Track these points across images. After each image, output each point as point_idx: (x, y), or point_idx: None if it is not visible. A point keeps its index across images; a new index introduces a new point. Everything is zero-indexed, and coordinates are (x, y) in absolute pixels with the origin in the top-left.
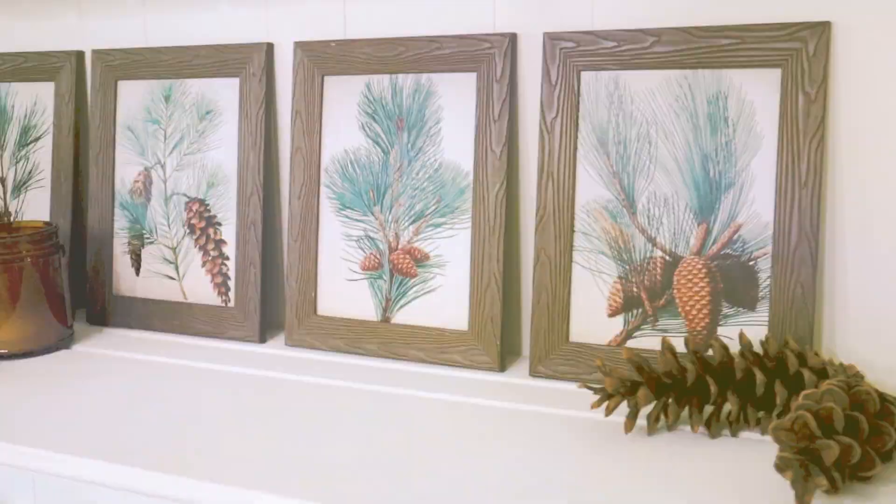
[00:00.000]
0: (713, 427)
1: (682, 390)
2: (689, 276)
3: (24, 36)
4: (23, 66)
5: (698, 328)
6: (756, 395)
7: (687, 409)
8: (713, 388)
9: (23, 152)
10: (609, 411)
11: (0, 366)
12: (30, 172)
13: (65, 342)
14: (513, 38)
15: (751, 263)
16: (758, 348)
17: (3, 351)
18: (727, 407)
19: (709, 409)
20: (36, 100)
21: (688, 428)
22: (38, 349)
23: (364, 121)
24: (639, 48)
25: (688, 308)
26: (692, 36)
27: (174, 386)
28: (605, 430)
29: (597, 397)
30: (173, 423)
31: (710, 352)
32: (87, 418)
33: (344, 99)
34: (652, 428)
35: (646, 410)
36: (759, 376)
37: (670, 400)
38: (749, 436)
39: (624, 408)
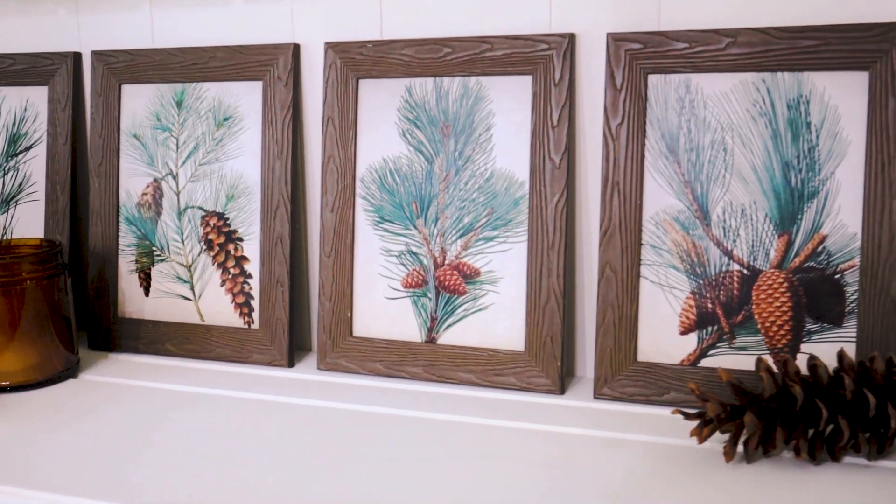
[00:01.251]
0: (819, 453)
1: (788, 414)
2: (770, 291)
3: (13, 36)
4: (12, 69)
5: (779, 346)
6: (866, 418)
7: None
8: (824, 413)
9: (12, 163)
10: (703, 438)
11: (1, 399)
12: (20, 185)
13: (71, 370)
14: (571, 38)
15: (836, 276)
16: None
17: (4, 383)
18: (828, 430)
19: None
20: (27, 105)
21: (785, 455)
22: (44, 379)
23: (405, 127)
24: (713, 50)
25: (767, 325)
26: (771, 37)
27: (195, 416)
28: (692, 458)
29: (691, 423)
30: (195, 457)
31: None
32: (100, 455)
33: (382, 104)
34: (753, 456)
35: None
36: (872, 398)
37: (776, 425)
38: (852, 461)
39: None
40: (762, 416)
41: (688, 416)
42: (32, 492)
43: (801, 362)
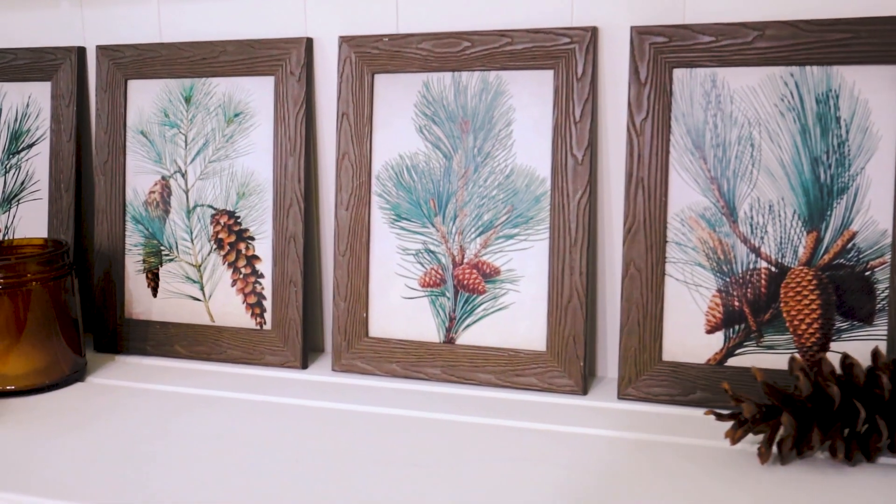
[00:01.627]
0: (855, 453)
1: (826, 415)
2: (798, 289)
3: (14, 30)
4: (13, 64)
5: (808, 344)
6: None
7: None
8: (863, 413)
9: (13, 160)
10: (736, 440)
11: (8, 404)
12: (22, 183)
13: (79, 373)
14: (594, 31)
15: (867, 274)
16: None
17: (9, 387)
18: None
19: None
20: (28, 101)
21: (818, 455)
22: (51, 383)
23: (422, 123)
24: (740, 43)
25: (796, 323)
26: (800, 30)
27: (206, 419)
28: (722, 460)
29: (720, 424)
30: (207, 461)
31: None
32: (109, 460)
33: (398, 99)
34: (787, 457)
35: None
36: None
37: (813, 426)
38: (887, 461)
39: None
40: (797, 416)
41: (720, 417)
42: (39, 499)
43: (831, 360)
